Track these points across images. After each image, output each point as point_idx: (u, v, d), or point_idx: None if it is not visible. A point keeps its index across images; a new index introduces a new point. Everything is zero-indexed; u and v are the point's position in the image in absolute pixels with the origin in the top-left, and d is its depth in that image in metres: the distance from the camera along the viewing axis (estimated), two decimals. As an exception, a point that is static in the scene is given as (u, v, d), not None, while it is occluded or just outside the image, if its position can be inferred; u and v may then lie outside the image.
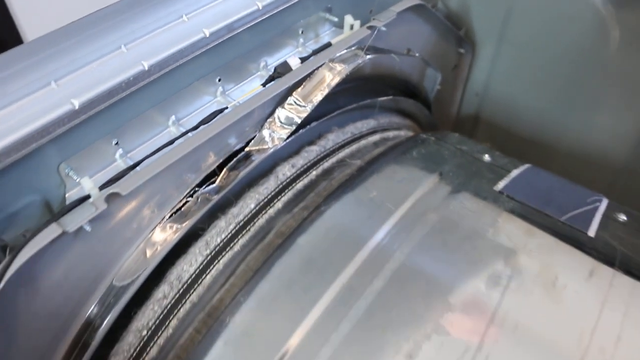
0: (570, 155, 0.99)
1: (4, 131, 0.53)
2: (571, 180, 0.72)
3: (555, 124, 0.98)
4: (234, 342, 0.56)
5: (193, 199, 0.62)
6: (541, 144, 1.00)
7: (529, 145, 1.01)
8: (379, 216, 0.61)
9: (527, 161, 0.75)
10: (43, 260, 0.52)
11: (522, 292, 0.56)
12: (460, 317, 0.54)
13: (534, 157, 0.84)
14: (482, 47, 0.99)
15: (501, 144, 1.01)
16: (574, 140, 0.98)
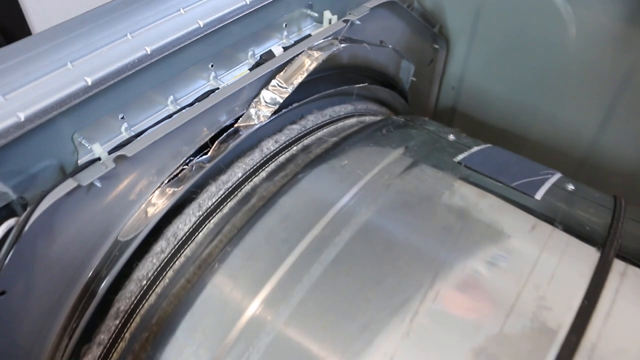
0: (538, 143, 1.10)
1: (27, 103, 0.65)
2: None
3: (525, 114, 1.10)
4: (221, 284, 0.67)
5: (188, 167, 0.73)
6: (513, 133, 1.12)
7: (501, 134, 1.13)
8: (349, 180, 0.73)
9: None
10: (60, 211, 0.64)
11: (470, 241, 0.67)
12: (415, 261, 0.65)
13: (505, 145, 0.95)
14: (456, 43, 1.11)
15: (476, 134, 1.12)
16: (542, 129, 1.09)
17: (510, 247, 0.67)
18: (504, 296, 0.62)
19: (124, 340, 0.71)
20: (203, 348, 0.64)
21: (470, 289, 0.63)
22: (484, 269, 0.65)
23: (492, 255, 0.66)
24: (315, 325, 0.62)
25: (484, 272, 0.65)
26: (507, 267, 0.65)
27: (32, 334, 0.69)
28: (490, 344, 0.59)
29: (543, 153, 1.09)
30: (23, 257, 0.63)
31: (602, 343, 0.59)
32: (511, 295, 0.62)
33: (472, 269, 0.65)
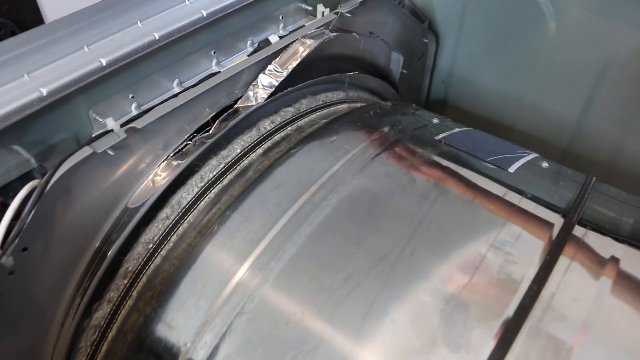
0: (525, 133, 1.19)
1: (48, 81, 0.75)
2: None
3: (512, 105, 1.19)
4: (220, 244, 0.76)
5: (192, 143, 0.83)
6: (501, 123, 1.21)
7: (490, 125, 1.22)
8: (337, 154, 0.82)
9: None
10: (76, 177, 0.73)
11: (446, 205, 0.76)
12: (394, 222, 0.74)
13: (494, 135, 1.05)
14: (445, 39, 1.21)
15: (466, 124, 1.21)
16: (528, 119, 1.18)
17: (482, 211, 0.76)
18: (474, 252, 0.71)
19: (131, 298, 0.80)
20: (203, 299, 0.73)
21: (444, 245, 0.72)
22: (457, 229, 0.74)
23: (465, 217, 0.75)
24: (304, 277, 0.71)
25: (457, 232, 0.74)
26: (478, 227, 0.74)
27: (49, 292, 0.79)
28: (460, 292, 0.68)
29: (530, 142, 1.18)
30: (43, 217, 0.72)
31: (560, 292, 0.67)
32: (481, 251, 0.71)
33: (446, 229, 0.74)
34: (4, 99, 0.72)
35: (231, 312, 0.71)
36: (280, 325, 0.69)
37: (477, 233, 0.74)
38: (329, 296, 0.69)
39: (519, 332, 0.64)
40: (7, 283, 0.72)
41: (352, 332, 0.66)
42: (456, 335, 0.65)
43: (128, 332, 0.79)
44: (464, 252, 0.72)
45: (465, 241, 0.73)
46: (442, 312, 0.66)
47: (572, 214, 0.77)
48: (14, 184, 0.77)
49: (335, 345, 0.66)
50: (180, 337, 0.72)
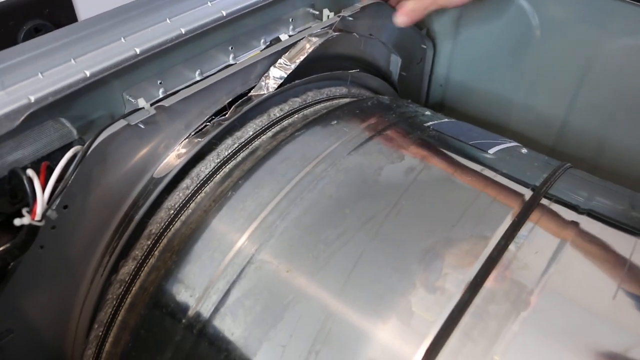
0: (516, 133, 1.34)
1: (91, 65, 0.92)
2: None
3: (503, 108, 1.35)
4: (232, 207, 0.91)
5: (210, 124, 0.99)
6: (493, 124, 1.37)
7: (483, 125, 1.36)
8: (337, 134, 0.98)
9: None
10: (112, 146, 0.89)
11: (429, 176, 0.91)
12: (384, 188, 0.89)
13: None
14: (441, 45, 1.37)
15: (461, 126, 1.37)
16: (518, 120, 1.34)
17: (460, 182, 0.91)
18: (452, 214, 0.86)
19: (153, 257, 0.95)
20: (217, 252, 0.88)
21: (425, 209, 0.87)
22: (437, 196, 0.89)
23: (444, 187, 0.90)
24: (304, 233, 0.86)
25: (437, 198, 0.89)
26: (455, 195, 0.89)
27: (83, 248, 0.94)
28: (436, 245, 0.82)
29: (519, 141, 1.33)
30: (82, 180, 0.88)
31: (524, 247, 0.82)
32: (457, 214, 0.86)
33: (427, 196, 0.89)
34: (54, 78, 0.89)
35: (241, 262, 0.86)
36: (281, 272, 0.84)
37: (454, 199, 0.88)
38: (324, 248, 0.83)
39: (487, 278, 0.78)
40: (49, 236, 0.87)
41: (343, 276, 0.81)
42: (433, 279, 0.79)
43: (148, 287, 0.94)
44: (442, 215, 0.86)
45: (444, 206, 0.88)
46: (421, 261, 0.81)
47: (540, 187, 0.91)
48: (56, 153, 0.94)
49: (329, 288, 0.81)
50: (195, 284, 0.87)
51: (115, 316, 0.95)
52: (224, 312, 0.83)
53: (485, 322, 0.74)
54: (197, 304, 0.86)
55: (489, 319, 0.75)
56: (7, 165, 0.88)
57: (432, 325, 0.75)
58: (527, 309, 0.75)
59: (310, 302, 0.80)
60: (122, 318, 0.95)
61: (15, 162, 0.89)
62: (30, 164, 0.90)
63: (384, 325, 0.76)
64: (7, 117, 0.84)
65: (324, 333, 0.78)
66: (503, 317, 0.75)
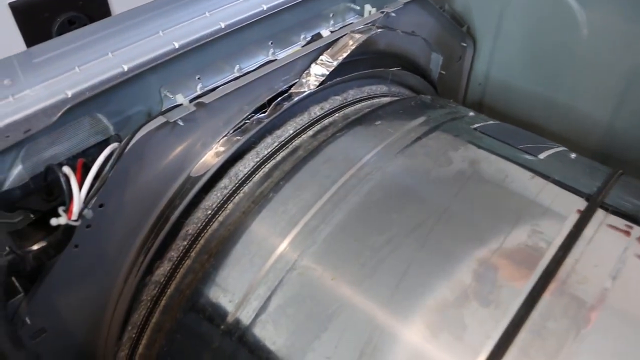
0: (556, 134, 1.28)
1: (128, 59, 0.87)
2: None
3: (544, 108, 1.29)
4: (273, 209, 0.87)
5: (250, 121, 0.94)
6: (533, 124, 1.31)
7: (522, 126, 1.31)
8: (381, 135, 0.93)
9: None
10: (149, 143, 0.85)
11: (480, 182, 0.86)
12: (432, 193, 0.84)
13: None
14: (482, 42, 1.31)
15: (500, 126, 1.31)
16: (560, 121, 1.28)
17: (512, 187, 0.85)
18: (504, 222, 0.81)
19: (189, 258, 0.91)
20: (258, 257, 0.83)
21: (476, 216, 0.82)
22: (488, 203, 0.84)
23: (496, 193, 0.85)
24: (349, 238, 0.81)
25: (489, 205, 0.83)
26: (508, 202, 0.84)
27: (118, 248, 0.90)
28: (491, 255, 0.77)
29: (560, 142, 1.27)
30: (119, 178, 0.84)
31: (583, 259, 0.76)
32: (510, 222, 0.80)
33: (479, 202, 0.84)
34: (91, 72, 0.85)
35: (283, 268, 0.81)
36: (326, 279, 0.79)
37: (507, 206, 0.83)
38: (371, 255, 0.78)
39: (544, 291, 0.73)
40: (84, 235, 0.83)
41: (391, 286, 0.76)
42: (486, 291, 0.74)
43: (184, 289, 0.89)
44: (495, 222, 0.81)
45: (496, 213, 0.82)
46: (474, 272, 0.75)
47: (596, 196, 0.86)
48: (91, 149, 0.90)
49: (376, 298, 0.76)
50: (235, 289, 0.83)
51: (149, 318, 0.91)
52: (265, 320, 0.79)
53: (543, 339, 0.69)
54: (237, 310, 0.81)
55: (547, 336, 0.70)
56: (42, 161, 0.84)
57: (486, 340, 0.70)
58: (588, 326, 0.70)
59: (357, 313, 0.76)
60: (157, 320, 0.91)
61: (50, 158, 0.85)
62: (66, 161, 0.86)
63: (434, 340, 0.72)
64: (45, 112, 0.80)
65: (370, 346, 0.73)
66: (562, 335, 0.69)
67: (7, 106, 0.80)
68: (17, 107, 0.80)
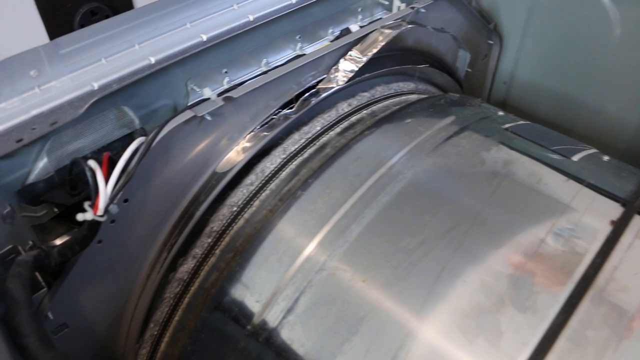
0: (583, 135, 1.26)
1: (155, 51, 0.85)
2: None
3: (572, 108, 1.26)
4: (301, 208, 0.84)
5: (277, 117, 0.92)
6: (559, 125, 1.28)
7: (548, 126, 1.28)
8: (412, 134, 0.90)
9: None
10: (176, 138, 0.83)
11: (514, 184, 0.84)
12: (465, 194, 0.82)
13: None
14: (509, 41, 1.28)
15: (524, 126, 1.29)
16: (587, 122, 1.25)
17: (546, 191, 0.83)
18: (540, 226, 0.78)
19: (214, 256, 0.89)
20: (286, 256, 0.81)
21: (512, 219, 0.80)
22: (523, 206, 0.81)
23: (531, 196, 0.82)
24: (381, 239, 0.79)
25: (524, 208, 0.81)
26: (543, 205, 0.81)
27: (141, 244, 0.88)
28: (527, 260, 0.74)
29: (587, 144, 1.24)
30: (145, 173, 0.82)
31: (622, 266, 0.74)
32: (546, 226, 0.78)
33: (514, 205, 0.81)
34: (117, 64, 0.83)
35: (312, 268, 0.79)
36: (357, 281, 0.77)
37: (542, 210, 0.81)
38: (404, 257, 0.76)
39: (583, 298, 0.71)
40: (108, 230, 0.81)
41: (425, 290, 0.73)
42: (523, 297, 0.72)
43: (209, 288, 0.87)
44: (531, 226, 0.79)
45: (532, 217, 0.80)
46: (510, 277, 0.73)
47: (632, 200, 0.83)
48: (116, 142, 0.87)
49: (409, 302, 0.73)
50: (262, 289, 0.80)
51: (172, 316, 0.89)
52: (293, 321, 0.77)
53: (582, 348, 0.67)
54: (264, 310, 0.79)
55: (586, 345, 0.67)
56: (67, 154, 0.82)
57: (523, 347, 0.67)
58: (630, 336, 0.68)
59: (389, 317, 0.73)
60: (180, 318, 0.89)
61: (75, 151, 0.83)
62: (91, 154, 0.84)
63: (470, 346, 0.69)
64: (71, 104, 0.78)
65: (403, 352, 0.70)
66: (602, 344, 0.67)
67: (34, 97, 0.78)
68: (43, 98, 0.78)
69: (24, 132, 0.75)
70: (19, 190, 0.80)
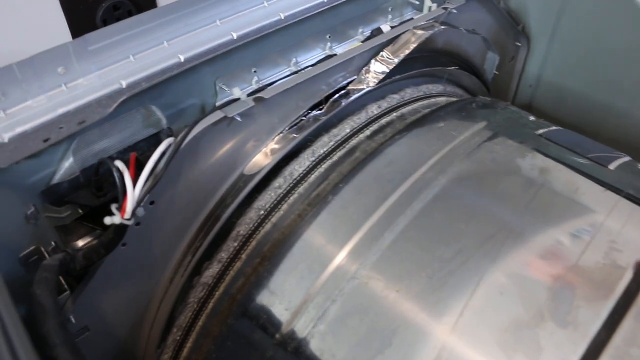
0: (611, 140, 1.22)
1: (184, 49, 0.83)
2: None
3: (600, 113, 1.23)
4: (332, 213, 0.82)
5: (306, 118, 0.89)
6: (586, 129, 1.25)
7: (574, 130, 1.26)
8: (445, 138, 0.88)
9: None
10: (205, 139, 0.80)
11: (551, 192, 0.81)
12: (502, 203, 0.79)
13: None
14: (537, 42, 1.25)
15: (550, 129, 1.26)
16: (616, 127, 1.22)
17: (584, 201, 0.80)
18: (580, 237, 0.76)
19: (240, 260, 0.86)
20: (317, 263, 0.79)
21: (550, 229, 0.77)
22: (562, 216, 0.79)
23: (569, 205, 0.80)
24: (415, 248, 0.76)
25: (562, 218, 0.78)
26: (582, 215, 0.79)
27: (165, 247, 0.86)
28: (567, 272, 0.72)
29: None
30: (172, 174, 0.79)
31: (666, 281, 0.72)
32: (586, 237, 0.76)
33: (552, 215, 0.79)
34: (146, 62, 0.80)
35: (343, 276, 0.76)
36: (391, 291, 0.74)
37: (581, 220, 0.78)
38: (439, 267, 0.74)
39: (626, 315, 0.68)
40: (133, 233, 0.79)
41: (461, 302, 0.71)
42: (563, 311, 0.69)
43: (235, 294, 0.85)
44: (570, 237, 0.76)
45: (571, 227, 0.77)
46: (550, 289, 0.71)
47: (673, 212, 0.81)
48: (141, 142, 0.85)
49: (445, 314, 0.71)
50: (291, 297, 0.78)
51: (195, 321, 0.87)
52: (324, 331, 0.74)
53: (626, 367, 0.65)
54: (293, 319, 0.77)
55: (631, 364, 0.65)
56: (92, 154, 0.79)
57: (564, 365, 0.65)
58: (677, 355, 0.66)
59: (424, 329, 0.71)
60: (204, 324, 0.86)
61: (101, 151, 0.80)
62: (117, 154, 0.82)
63: (509, 362, 0.67)
64: (99, 102, 0.76)
65: (439, 365, 0.68)
66: (648, 363, 0.65)
67: (60, 95, 0.76)
68: (70, 96, 0.76)
69: (51, 131, 0.73)
70: (43, 191, 0.77)
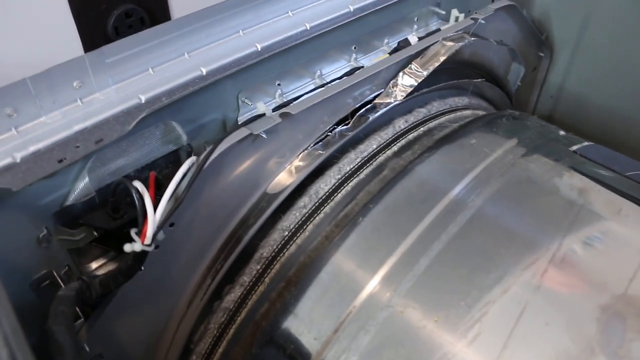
0: (636, 151, 1.19)
1: (206, 61, 0.78)
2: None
3: (622, 125, 1.19)
4: (363, 236, 0.77)
5: (332, 134, 0.85)
6: (608, 142, 1.21)
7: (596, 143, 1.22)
8: (478, 156, 0.83)
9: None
10: (228, 157, 0.75)
11: (592, 215, 0.77)
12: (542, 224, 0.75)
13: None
14: (560, 52, 1.21)
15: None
16: (639, 142, 1.18)
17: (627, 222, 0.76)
18: (628, 265, 0.71)
19: (263, 284, 0.81)
20: (347, 290, 0.74)
21: (595, 255, 0.73)
22: (607, 240, 0.74)
23: (615, 229, 0.76)
24: (453, 274, 0.71)
25: (608, 243, 0.74)
26: (629, 240, 0.74)
27: (183, 270, 0.81)
28: (616, 302, 0.68)
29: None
30: (193, 194, 0.74)
31: None
32: (634, 265, 0.71)
33: (596, 240, 0.74)
34: (166, 75, 0.75)
35: (377, 304, 0.72)
36: (429, 320, 0.70)
37: (629, 246, 0.74)
38: (479, 295, 0.69)
39: (681, 348, 0.64)
40: (151, 256, 0.73)
41: (503, 333, 0.67)
42: (615, 345, 0.65)
43: (259, 320, 0.80)
44: (618, 264, 0.72)
45: (618, 253, 0.73)
46: (599, 321, 0.66)
47: None
48: (160, 160, 0.80)
49: (487, 346, 0.67)
50: (320, 326, 0.73)
51: (215, 348, 0.82)
52: (357, 363, 0.70)
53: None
54: (324, 350, 0.72)
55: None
56: (108, 173, 0.74)
57: (618, 404, 0.61)
58: None
59: (466, 363, 0.66)
60: (224, 351, 0.82)
61: (117, 170, 0.75)
62: (134, 173, 0.77)
63: (558, 399, 0.63)
64: (117, 119, 0.70)
65: (483, 402, 0.64)
66: None
67: (76, 111, 0.70)
68: (85, 112, 0.70)
69: (66, 150, 0.67)
70: (56, 212, 0.72)
